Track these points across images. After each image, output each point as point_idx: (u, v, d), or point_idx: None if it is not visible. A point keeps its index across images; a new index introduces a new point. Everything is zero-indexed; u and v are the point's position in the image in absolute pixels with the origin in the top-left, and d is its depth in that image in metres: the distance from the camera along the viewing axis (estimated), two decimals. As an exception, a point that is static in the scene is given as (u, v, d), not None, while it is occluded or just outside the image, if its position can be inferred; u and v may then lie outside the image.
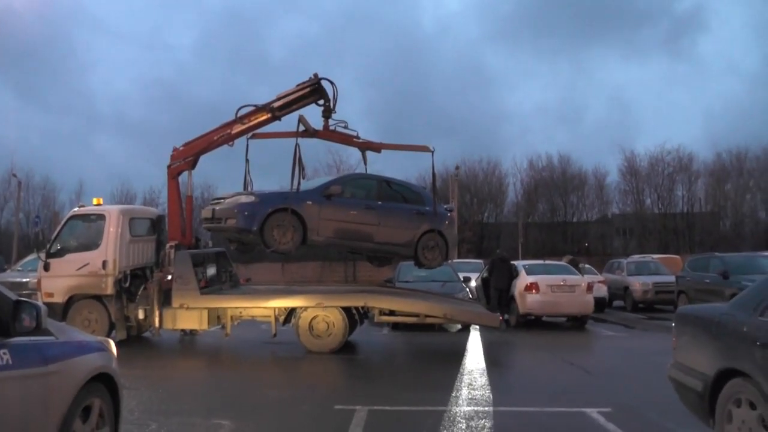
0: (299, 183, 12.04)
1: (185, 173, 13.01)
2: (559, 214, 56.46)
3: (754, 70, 79.58)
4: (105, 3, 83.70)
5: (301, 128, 12.35)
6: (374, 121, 63.21)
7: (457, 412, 7.09)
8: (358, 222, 12.36)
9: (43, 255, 12.58)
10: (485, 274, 17.25)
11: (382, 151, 13.42)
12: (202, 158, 13.01)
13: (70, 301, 12.29)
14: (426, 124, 73.32)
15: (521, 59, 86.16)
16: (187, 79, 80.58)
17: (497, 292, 16.39)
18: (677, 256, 29.22)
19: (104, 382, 4.51)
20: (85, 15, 79.93)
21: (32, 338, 3.79)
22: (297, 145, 12.13)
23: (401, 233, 12.66)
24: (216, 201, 12.76)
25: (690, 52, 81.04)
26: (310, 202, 11.96)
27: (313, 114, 12.70)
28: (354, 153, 14.03)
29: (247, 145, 12.59)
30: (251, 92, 72.96)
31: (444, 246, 12.88)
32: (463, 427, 6.43)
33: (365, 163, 13.60)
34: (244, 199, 11.92)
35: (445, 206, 14.12)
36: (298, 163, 12.09)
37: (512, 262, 17.71)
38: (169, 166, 12.82)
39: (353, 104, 12.43)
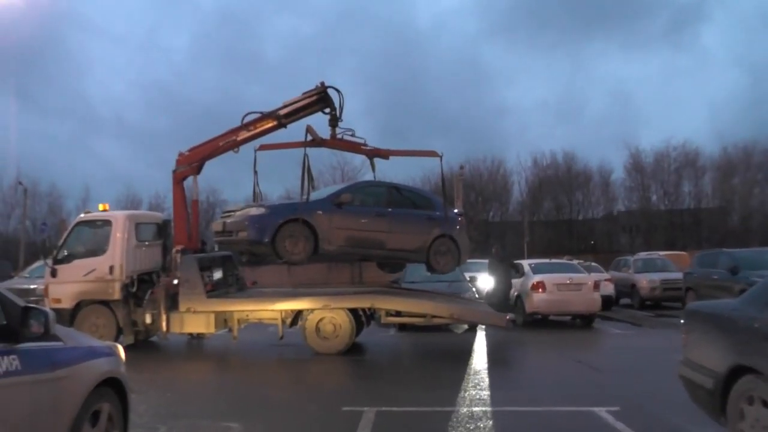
0: (309, 193, 12.03)
1: (191, 178, 13.01)
2: (565, 212, 56.48)
3: (759, 61, 79.23)
4: (99, 5, 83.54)
5: (309, 138, 12.33)
6: (372, 120, 62.95)
7: (465, 413, 7.07)
8: (370, 230, 12.34)
9: (50, 261, 12.62)
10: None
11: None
12: (208, 163, 13.01)
13: (78, 306, 12.32)
14: (425, 122, 73.50)
15: (520, 54, 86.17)
16: (184, 80, 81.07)
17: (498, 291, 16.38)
18: (684, 253, 29.17)
19: (113, 387, 4.53)
20: (79, 17, 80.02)
21: (41, 344, 3.80)
22: (306, 155, 12.14)
23: (413, 239, 12.62)
24: (226, 214, 12.77)
25: (693, 43, 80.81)
26: (320, 212, 11.93)
27: (319, 122, 12.71)
28: (358, 156, 13.98)
29: (255, 157, 12.45)
30: (249, 92, 72.85)
31: (456, 251, 12.88)
32: (471, 427, 6.40)
33: (373, 170, 13.55)
34: (254, 211, 11.90)
35: (455, 210, 14.11)
36: (307, 173, 12.10)
37: (517, 261, 17.65)
38: (174, 171, 12.84)
39: (350, 103, 12.37)
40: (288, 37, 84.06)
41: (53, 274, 12.44)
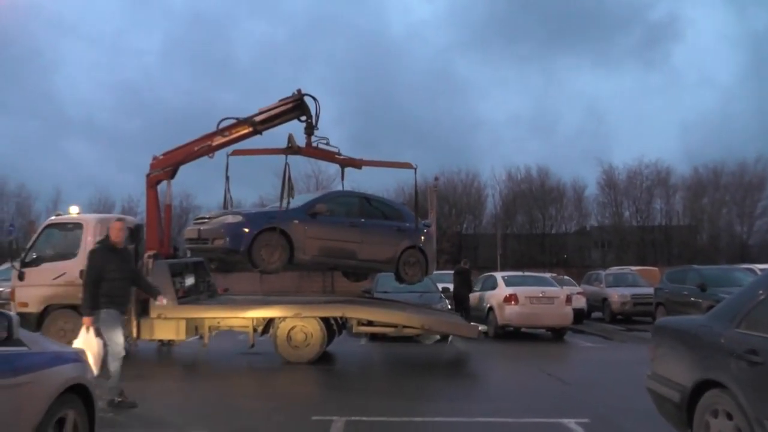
0: (288, 202, 11.96)
1: (164, 182, 12.89)
2: (538, 226, 56.91)
3: (728, 82, 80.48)
4: (68, 4, 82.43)
5: (289, 145, 12.30)
6: (344, 129, 62.17)
7: (435, 423, 7.07)
8: (343, 240, 12.35)
9: (17, 264, 12.40)
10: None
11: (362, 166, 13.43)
12: (182, 168, 12.90)
13: (46, 311, 12.11)
14: (398, 133, 73.46)
15: (494, 67, 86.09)
16: (156, 82, 79.50)
17: (457, 300, 17.02)
18: (655, 268, 29.51)
19: (79, 394, 4.45)
20: (51, 16, 78.88)
21: (3, 348, 3.73)
22: (287, 163, 12.07)
23: (383, 250, 12.74)
24: (200, 221, 12.54)
25: (664, 62, 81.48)
26: (296, 221, 11.87)
27: (293, 130, 12.66)
28: (333, 165, 13.96)
29: (227, 162, 12.39)
30: (222, 96, 72.34)
31: (424, 262, 13.07)
32: (442, 438, 6.40)
33: (342, 180, 13.59)
34: (231, 219, 11.77)
35: (423, 222, 14.18)
36: (287, 181, 12.03)
37: (493, 273, 18.08)
38: (148, 175, 12.69)
39: (322, 112, 12.31)
40: (259, 42, 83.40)
41: (20, 277, 12.21)
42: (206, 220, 12.22)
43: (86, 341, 7.25)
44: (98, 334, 7.57)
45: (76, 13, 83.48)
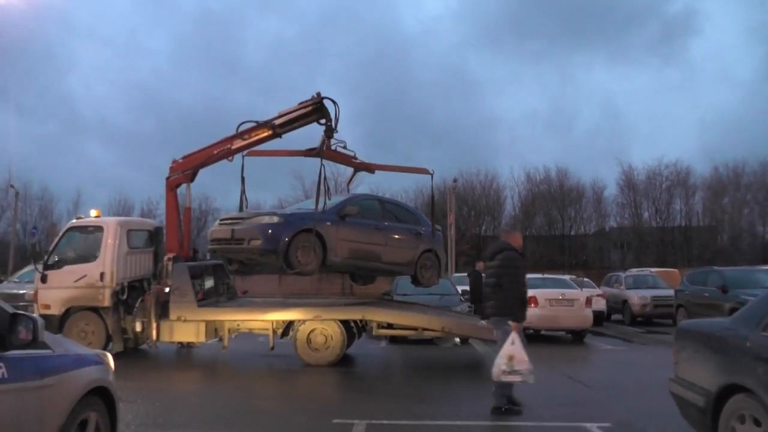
0: (325, 203, 11.91)
1: (184, 185, 12.97)
2: (557, 227, 56.59)
3: (749, 79, 78.91)
4: (83, 7, 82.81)
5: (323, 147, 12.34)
6: (358, 129, 61.77)
7: (456, 427, 7.04)
8: (370, 242, 12.39)
9: (40, 267, 12.54)
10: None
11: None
12: (201, 171, 12.96)
13: (67, 313, 12.23)
14: (414, 132, 73.07)
15: (508, 64, 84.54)
16: (169, 84, 79.37)
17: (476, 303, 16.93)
18: (675, 270, 29.24)
19: (101, 396, 4.47)
20: (72, 21, 79.32)
21: (29, 351, 3.75)
22: (322, 165, 12.06)
23: (404, 253, 12.88)
24: (230, 221, 12.20)
25: (682, 58, 79.83)
26: (329, 223, 11.79)
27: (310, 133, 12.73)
28: (350, 168, 13.97)
29: (243, 163, 12.42)
30: (237, 97, 72.39)
31: (438, 265, 13.42)
32: (463, 442, 6.37)
33: (349, 183, 13.62)
34: (267, 219, 11.64)
35: (436, 226, 14.31)
36: (323, 183, 11.99)
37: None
38: (167, 178, 12.79)
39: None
40: (273, 40, 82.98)
41: (43, 279, 12.36)
42: (239, 221, 11.94)
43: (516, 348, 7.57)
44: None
45: (89, 14, 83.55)
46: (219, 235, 12.11)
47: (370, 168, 13.33)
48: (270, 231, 11.42)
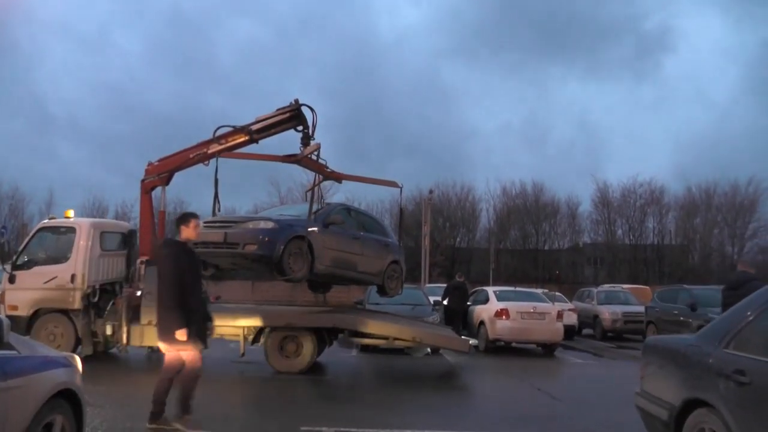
0: (317, 210, 11.92)
1: (159, 188, 12.87)
2: (531, 242, 56.97)
3: (722, 99, 79.57)
4: (52, 4, 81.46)
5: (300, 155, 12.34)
6: (330, 137, 61.93)
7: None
8: (349, 251, 12.42)
9: (8, 267, 12.36)
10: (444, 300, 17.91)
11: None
12: (176, 174, 12.88)
13: (36, 314, 12.05)
14: (388, 141, 72.80)
15: (483, 75, 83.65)
16: (141, 84, 77.41)
17: (453, 314, 17.38)
18: (647, 287, 29.60)
19: (68, 399, 4.44)
20: (38, 14, 78.12)
21: (-7, 352, 3.72)
22: (316, 175, 12.14)
23: (375, 263, 13.05)
24: (219, 224, 11.71)
25: (657, 76, 79.73)
26: (316, 230, 11.71)
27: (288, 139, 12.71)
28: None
29: (217, 165, 12.26)
30: (211, 100, 71.55)
31: (401, 277, 13.83)
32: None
33: (311, 190, 13.34)
34: (262, 224, 11.44)
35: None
36: (318, 190, 12.09)
37: (484, 287, 18.06)
38: (142, 181, 12.66)
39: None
40: (247, 44, 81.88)
41: (11, 280, 12.16)
42: (231, 224, 11.63)
43: None
44: None
45: (63, 13, 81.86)
46: (210, 238, 11.28)
47: (339, 178, 13.36)
48: (267, 236, 11.15)
